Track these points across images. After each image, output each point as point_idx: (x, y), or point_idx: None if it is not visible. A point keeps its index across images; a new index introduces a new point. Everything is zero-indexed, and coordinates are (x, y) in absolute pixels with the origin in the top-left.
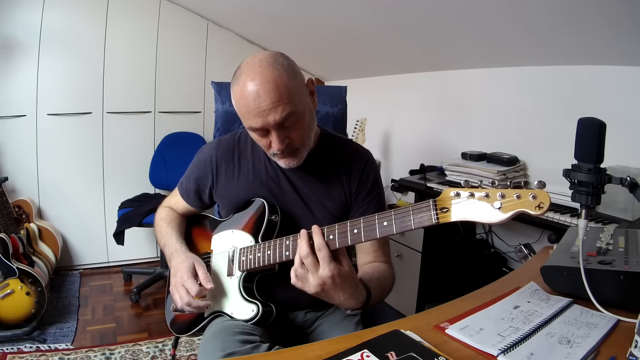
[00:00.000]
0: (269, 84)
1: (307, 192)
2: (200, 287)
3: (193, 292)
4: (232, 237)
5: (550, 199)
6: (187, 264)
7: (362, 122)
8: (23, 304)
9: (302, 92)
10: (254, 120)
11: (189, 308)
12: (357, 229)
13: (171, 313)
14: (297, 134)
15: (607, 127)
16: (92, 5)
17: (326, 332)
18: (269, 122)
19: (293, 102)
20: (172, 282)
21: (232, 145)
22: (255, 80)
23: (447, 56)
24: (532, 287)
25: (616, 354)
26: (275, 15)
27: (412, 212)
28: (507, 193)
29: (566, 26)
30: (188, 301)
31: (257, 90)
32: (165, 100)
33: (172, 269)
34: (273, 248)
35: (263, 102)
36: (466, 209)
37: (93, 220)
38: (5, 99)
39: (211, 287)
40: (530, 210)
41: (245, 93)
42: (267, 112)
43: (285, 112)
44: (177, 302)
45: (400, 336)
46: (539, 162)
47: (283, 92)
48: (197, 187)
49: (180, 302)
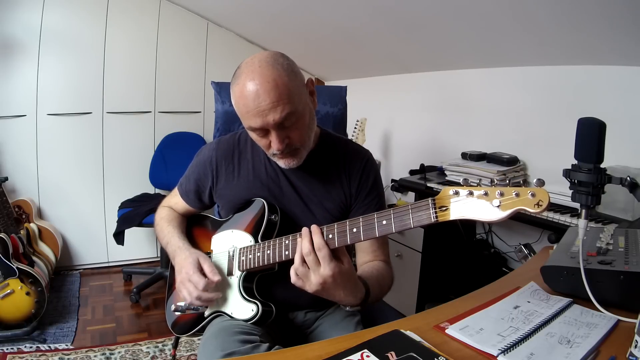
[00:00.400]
0: (268, 84)
1: (307, 192)
2: (207, 280)
3: (200, 285)
4: (232, 237)
5: (550, 197)
6: (192, 259)
7: (362, 122)
8: (23, 304)
9: (302, 92)
10: (253, 120)
11: (199, 302)
12: (356, 228)
13: (172, 315)
14: (296, 134)
15: (607, 127)
16: (92, 5)
17: (326, 332)
18: (268, 122)
19: (293, 102)
20: (178, 279)
21: (232, 145)
22: (255, 80)
23: (447, 56)
24: (532, 287)
25: (616, 354)
26: (275, 15)
27: (411, 211)
28: (506, 191)
29: (566, 26)
30: (197, 295)
31: (256, 90)
32: (165, 100)
33: (177, 265)
34: (272, 247)
35: (263, 102)
36: (465, 207)
37: (93, 220)
38: (5, 99)
39: (218, 279)
40: (529, 208)
41: (244, 93)
42: (267, 112)
43: (285, 112)
44: (186, 297)
45: (400, 336)
46: (539, 162)
47: (283, 92)
48: (197, 188)
49: (189, 297)
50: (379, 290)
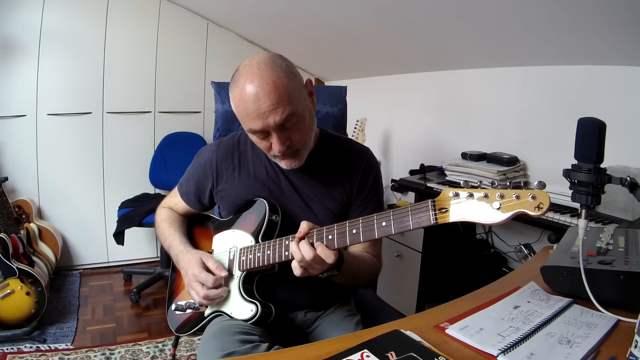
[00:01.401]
0: (268, 86)
1: (308, 192)
2: (215, 276)
3: (209, 283)
4: (233, 237)
5: (550, 200)
6: (195, 259)
7: (362, 122)
8: (23, 304)
9: (302, 93)
10: (254, 122)
11: (206, 301)
12: (355, 229)
13: (173, 315)
14: (297, 135)
15: (607, 127)
16: (92, 5)
17: (326, 332)
18: (269, 124)
19: (293, 104)
20: (186, 282)
21: (232, 147)
22: (254, 82)
23: (447, 56)
24: (532, 287)
25: (616, 354)
26: (275, 15)
27: (410, 213)
28: (506, 193)
29: (566, 26)
30: (205, 294)
31: (256, 93)
32: (165, 100)
33: (182, 270)
34: (273, 248)
35: (263, 105)
36: (465, 209)
37: (93, 220)
38: (5, 99)
39: (225, 274)
40: (530, 210)
41: (244, 95)
42: (267, 114)
43: (285, 114)
44: (195, 298)
45: (400, 336)
46: (539, 162)
47: (283, 94)
48: (197, 190)
49: (197, 297)
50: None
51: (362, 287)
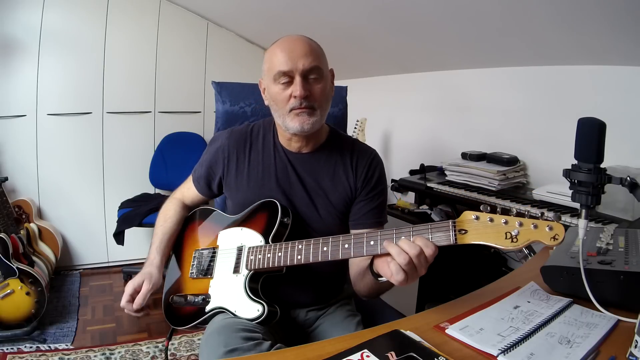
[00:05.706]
0: (303, 41)
1: (314, 185)
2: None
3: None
4: (241, 234)
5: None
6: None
7: (362, 122)
8: (23, 304)
9: (327, 64)
10: (284, 64)
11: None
12: (373, 240)
13: (169, 305)
14: (318, 90)
15: (607, 127)
16: (92, 6)
17: (327, 332)
18: (297, 67)
19: (321, 62)
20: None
21: (245, 135)
22: (292, 37)
23: (447, 56)
24: (532, 287)
25: (616, 354)
26: (275, 15)
27: (430, 231)
28: (525, 222)
29: (566, 26)
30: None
31: (292, 41)
32: (165, 100)
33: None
34: (284, 250)
35: (296, 49)
36: (484, 233)
37: (93, 220)
38: (5, 99)
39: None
40: (546, 241)
41: (280, 45)
42: (298, 58)
43: (313, 63)
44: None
45: (400, 336)
46: (539, 162)
47: (314, 50)
48: (207, 174)
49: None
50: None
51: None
